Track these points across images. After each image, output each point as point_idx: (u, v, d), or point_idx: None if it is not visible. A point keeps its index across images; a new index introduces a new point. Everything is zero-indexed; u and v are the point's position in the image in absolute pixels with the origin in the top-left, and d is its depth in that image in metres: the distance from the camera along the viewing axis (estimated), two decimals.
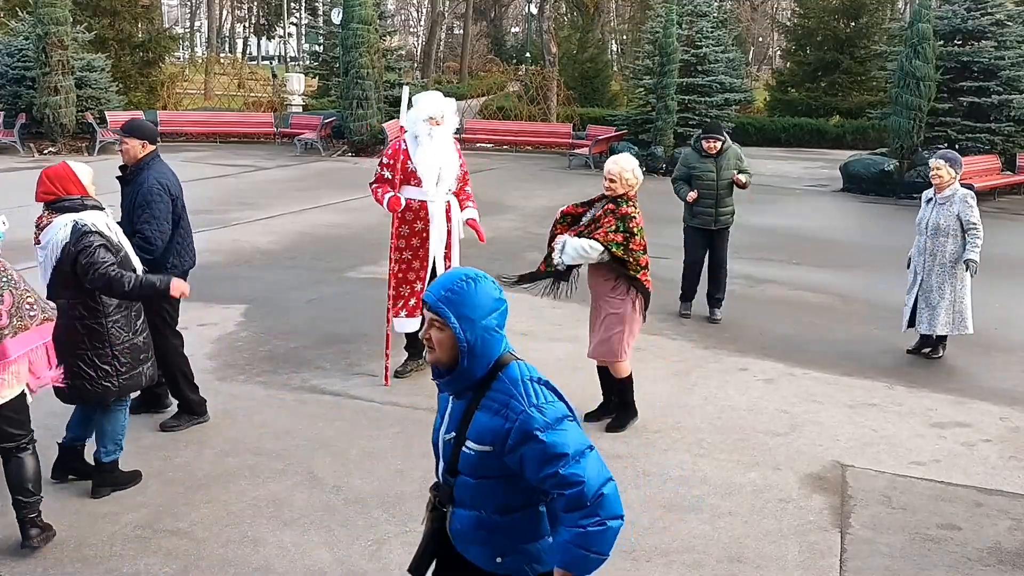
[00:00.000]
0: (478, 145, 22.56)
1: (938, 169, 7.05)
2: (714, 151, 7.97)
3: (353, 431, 5.52)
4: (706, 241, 8.16)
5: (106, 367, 4.44)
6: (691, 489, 4.90)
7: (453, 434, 2.50)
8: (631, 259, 5.40)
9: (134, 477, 4.73)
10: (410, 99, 6.36)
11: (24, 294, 3.91)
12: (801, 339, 7.73)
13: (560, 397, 2.48)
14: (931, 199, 7.18)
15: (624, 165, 5.47)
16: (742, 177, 8.01)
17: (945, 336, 7.21)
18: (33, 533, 4.05)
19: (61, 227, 4.30)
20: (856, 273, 10.17)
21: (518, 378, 2.45)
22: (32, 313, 3.91)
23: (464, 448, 2.46)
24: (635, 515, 4.59)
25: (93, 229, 4.32)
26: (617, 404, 5.78)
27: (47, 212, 4.41)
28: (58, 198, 4.37)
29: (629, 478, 4.98)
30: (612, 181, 5.46)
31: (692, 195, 7.97)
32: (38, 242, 4.42)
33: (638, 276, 5.46)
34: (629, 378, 5.71)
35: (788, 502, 4.80)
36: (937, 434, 5.80)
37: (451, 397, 2.54)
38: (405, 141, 6.22)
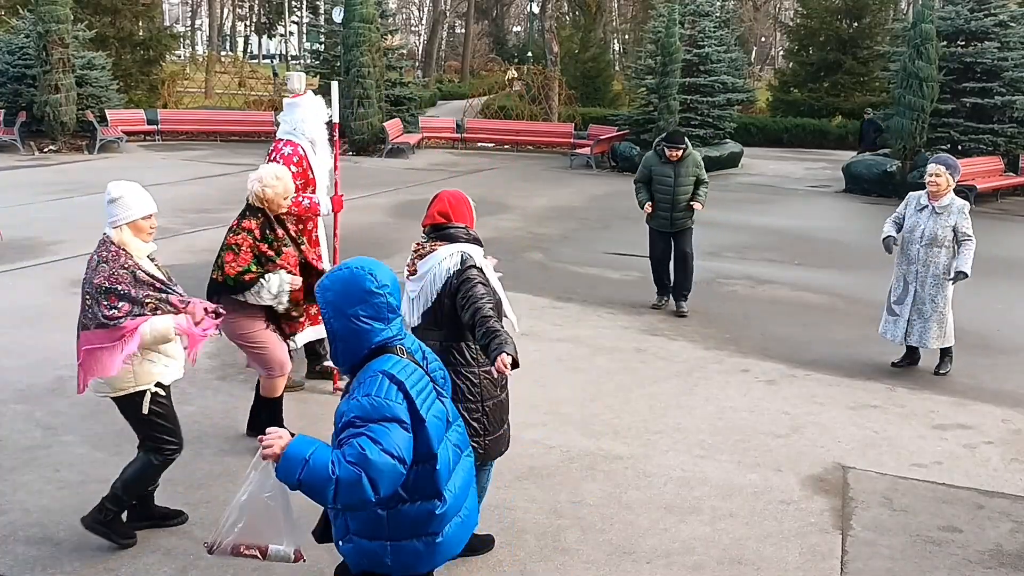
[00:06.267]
0: (479, 145, 22.57)
1: (937, 176, 6.71)
2: (675, 159, 8.12)
3: None
4: (667, 239, 8.43)
5: (475, 424, 3.83)
6: (692, 490, 4.89)
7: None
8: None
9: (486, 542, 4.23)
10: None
11: None
12: (803, 340, 7.71)
13: (410, 401, 2.64)
14: (925, 206, 6.81)
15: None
16: (698, 204, 8.19)
17: (949, 349, 6.95)
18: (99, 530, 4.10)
19: (447, 256, 3.80)
20: (858, 274, 10.15)
21: (376, 370, 2.65)
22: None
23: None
24: (635, 516, 4.58)
25: (477, 264, 3.84)
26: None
27: (430, 240, 3.91)
28: (448, 224, 3.90)
29: (630, 479, 4.98)
30: None
31: (648, 207, 8.25)
32: (413, 272, 3.88)
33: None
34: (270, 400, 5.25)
35: (789, 504, 4.79)
36: (939, 436, 5.78)
37: None
38: (302, 147, 5.94)
